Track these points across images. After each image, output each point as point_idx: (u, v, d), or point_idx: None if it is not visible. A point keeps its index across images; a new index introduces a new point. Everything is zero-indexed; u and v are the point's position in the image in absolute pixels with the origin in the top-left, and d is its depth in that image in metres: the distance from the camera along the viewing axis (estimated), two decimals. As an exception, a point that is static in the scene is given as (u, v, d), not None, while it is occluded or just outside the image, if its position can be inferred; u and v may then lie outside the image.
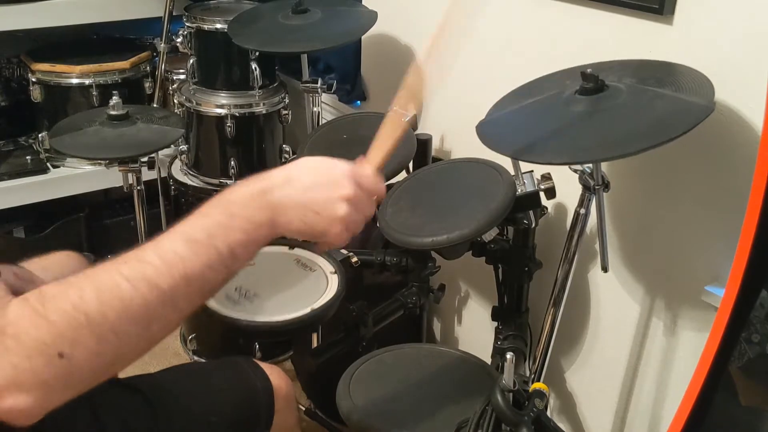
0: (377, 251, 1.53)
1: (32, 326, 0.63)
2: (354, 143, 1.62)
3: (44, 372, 0.63)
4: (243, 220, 0.74)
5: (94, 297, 0.65)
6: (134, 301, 0.67)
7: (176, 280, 0.69)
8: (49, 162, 2.16)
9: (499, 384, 1.01)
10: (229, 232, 0.73)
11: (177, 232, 0.72)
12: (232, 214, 0.74)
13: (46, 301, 0.64)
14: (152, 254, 0.69)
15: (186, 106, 2.06)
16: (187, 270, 0.70)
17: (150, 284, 0.68)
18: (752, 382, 0.91)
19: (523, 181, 1.32)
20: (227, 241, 0.72)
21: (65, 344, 0.63)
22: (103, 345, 0.66)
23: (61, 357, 0.63)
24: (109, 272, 0.68)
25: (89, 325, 0.64)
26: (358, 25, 1.76)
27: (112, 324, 0.66)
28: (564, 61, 1.28)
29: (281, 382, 1.17)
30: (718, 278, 1.22)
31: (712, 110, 1.00)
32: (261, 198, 0.76)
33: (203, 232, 0.72)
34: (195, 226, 0.73)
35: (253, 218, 0.75)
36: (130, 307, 0.67)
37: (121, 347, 0.67)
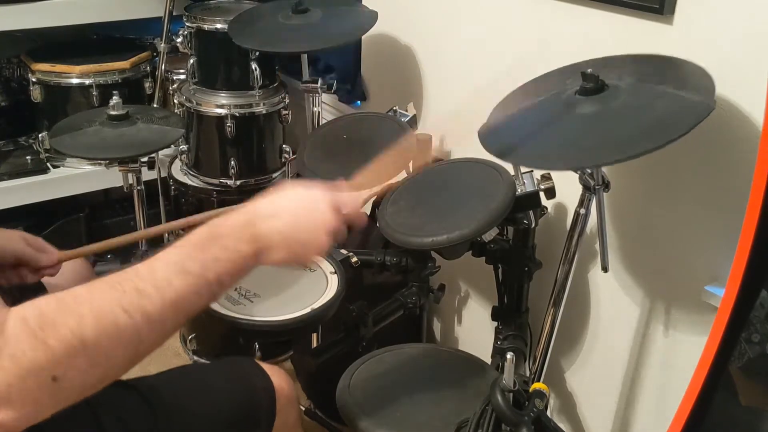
0: (377, 251, 1.53)
1: (30, 349, 0.65)
2: (354, 143, 1.62)
3: (36, 393, 0.65)
4: (231, 252, 0.78)
5: (93, 326, 0.68)
6: (128, 329, 0.70)
7: (166, 309, 0.73)
8: (49, 162, 2.16)
9: (499, 384, 1.01)
10: (219, 264, 0.77)
11: (172, 262, 0.75)
12: (221, 246, 0.78)
13: (46, 326, 0.66)
14: (148, 285, 0.72)
15: (186, 106, 2.06)
16: (178, 299, 0.74)
17: (144, 315, 0.71)
18: (752, 382, 0.91)
19: (523, 181, 1.32)
20: (216, 272, 0.77)
21: (59, 368, 0.66)
22: (94, 368, 0.69)
23: (54, 380, 0.66)
24: (108, 300, 0.70)
25: (84, 350, 0.67)
26: (358, 25, 1.76)
27: (105, 350, 0.69)
28: (564, 61, 1.28)
29: (283, 383, 1.17)
30: (718, 278, 1.22)
31: (713, 109, 0.99)
32: (249, 231, 0.81)
33: (196, 264, 0.75)
34: (188, 256, 0.76)
35: (240, 250, 0.79)
36: (123, 336, 0.70)
37: (109, 369, 0.71)
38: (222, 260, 0.77)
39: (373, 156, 1.12)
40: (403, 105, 1.72)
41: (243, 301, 1.30)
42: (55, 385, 0.66)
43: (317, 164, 1.57)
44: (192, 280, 0.75)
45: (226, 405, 1.11)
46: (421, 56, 1.87)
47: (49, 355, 0.65)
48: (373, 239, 1.79)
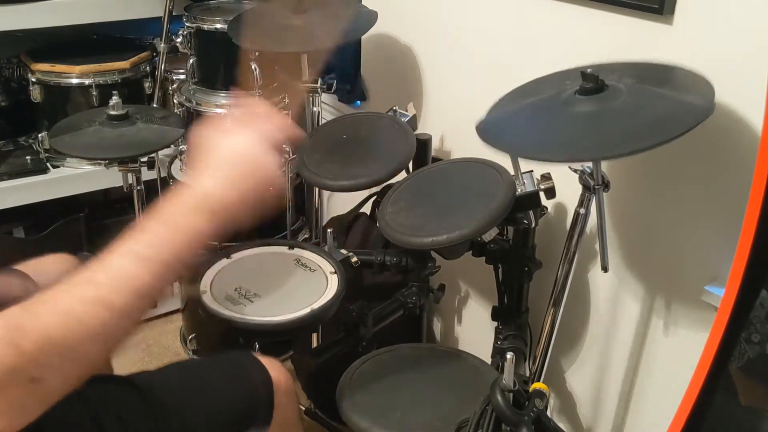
0: (377, 251, 1.53)
1: (6, 355, 0.66)
2: (354, 143, 1.62)
3: (19, 396, 0.67)
4: (186, 233, 0.79)
5: (57, 323, 0.69)
6: (92, 322, 0.71)
7: (129, 296, 0.73)
8: (49, 162, 2.15)
9: (499, 384, 1.01)
10: (174, 245, 0.78)
11: (125, 252, 0.76)
12: (177, 229, 0.79)
13: (14, 330, 0.67)
14: (102, 275, 0.73)
15: (186, 106, 2.06)
16: (137, 284, 0.74)
17: (104, 304, 0.72)
18: (752, 382, 0.91)
19: (523, 181, 1.32)
20: (172, 252, 0.77)
21: (35, 369, 0.67)
22: (69, 364, 0.70)
23: (32, 381, 0.67)
24: (65, 297, 0.71)
25: (54, 348, 0.68)
26: (358, 25, 1.76)
27: (74, 345, 0.70)
28: (564, 61, 1.28)
29: (281, 376, 1.17)
30: (718, 278, 1.22)
31: (712, 111, 1.00)
32: (202, 211, 0.81)
33: (150, 248, 0.76)
34: (141, 242, 0.77)
35: (195, 228, 0.80)
36: (89, 328, 0.71)
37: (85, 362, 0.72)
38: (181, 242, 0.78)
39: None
40: (403, 105, 1.72)
41: (243, 301, 1.30)
42: (35, 386, 0.68)
43: (317, 164, 1.57)
44: (149, 265, 0.75)
45: (225, 399, 1.12)
46: (421, 56, 1.87)
47: (22, 358, 0.66)
48: (373, 239, 1.79)
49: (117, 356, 0.93)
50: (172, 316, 2.31)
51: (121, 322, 0.74)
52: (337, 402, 1.30)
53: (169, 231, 0.78)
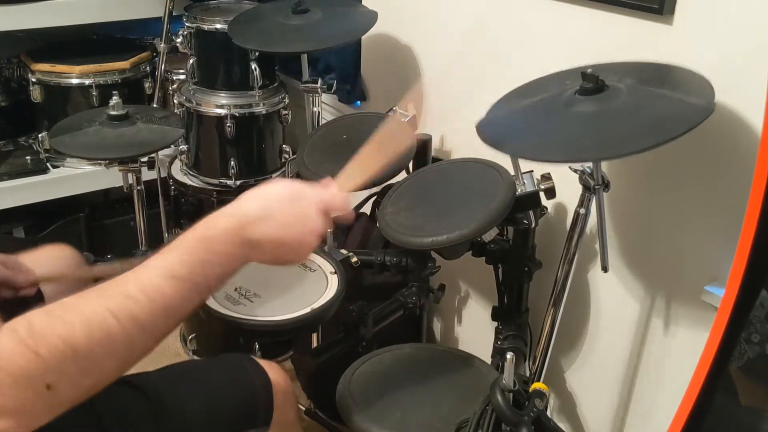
0: (377, 251, 1.53)
1: (22, 359, 0.66)
2: (354, 143, 1.61)
3: (30, 401, 0.66)
4: (221, 256, 0.78)
5: (83, 332, 0.68)
6: (119, 337, 0.70)
7: (156, 314, 0.73)
8: (49, 162, 2.16)
9: (499, 384, 1.01)
10: (207, 268, 0.77)
11: (160, 267, 0.75)
12: (210, 251, 0.78)
13: (36, 335, 0.67)
14: (137, 290, 0.72)
15: (186, 106, 2.06)
16: (167, 304, 0.74)
17: (134, 320, 0.71)
18: (752, 382, 0.91)
19: (523, 181, 1.32)
20: (204, 275, 0.77)
21: (52, 376, 0.67)
22: (87, 376, 0.70)
23: (48, 388, 0.67)
24: (97, 307, 0.70)
25: (76, 358, 0.68)
26: (358, 25, 1.76)
27: (96, 357, 0.69)
28: (564, 61, 1.28)
29: (279, 378, 1.18)
30: (717, 278, 1.22)
31: (712, 111, 1.00)
32: (238, 234, 0.80)
33: (185, 269, 0.75)
34: (177, 262, 0.76)
35: (231, 253, 0.79)
36: (114, 342, 0.70)
37: (102, 375, 0.72)
38: (211, 264, 0.77)
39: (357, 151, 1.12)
40: (403, 105, 1.72)
41: (243, 301, 1.30)
42: (49, 393, 0.67)
43: (317, 164, 1.57)
44: (181, 285, 0.75)
45: (224, 401, 1.12)
46: (421, 56, 1.87)
47: (41, 365, 0.66)
48: (373, 239, 1.79)
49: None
50: (172, 316, 2.31)
51: (146, 340, 0.73)
52: (337, 402, 1.30)
53: (204, 252, 0.77)
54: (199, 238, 0.78)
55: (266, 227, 0.81)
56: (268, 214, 0.82)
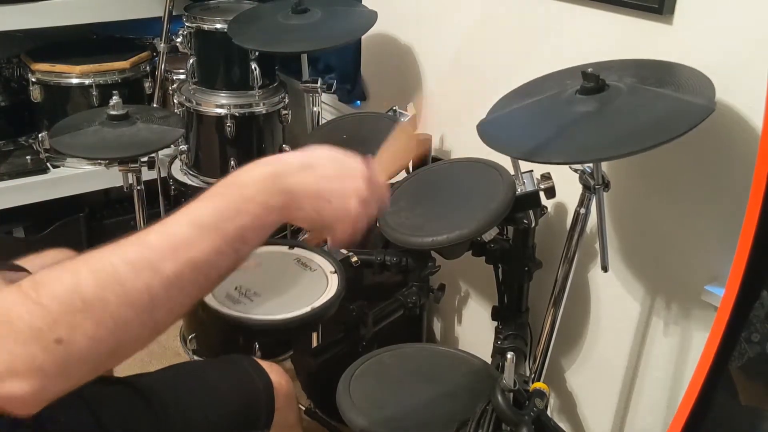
0: (377, 251, 1.53)
1: (26, 312, 0.60)
2: (354, 143, 1.62)
3: (41, 358, 0.60)
4: (256, 204, 0.70)
5: (91, 280, 0.62)
6: (135, 285, 0.63)
7: (181, 264, 0.65)
8: (49, 162, 2.16)
9: (499, 384, 1.01)
10: (239, 216, 0.69)
11: (184, 214, 0.68)
12: (244, 197, 0.70)
13: (40, 287, 0.61)
14: (156, 237, 0.66)
15: (186, 106, 2.06)
16: (193, 254, 0.66)
17: (153, 269, 0.64)
18: (752, 382, 0.91)
19: (523, 180, 1.32)
20: (237, 225, 0.69)
21: (62, 329, 0.60)
22: (101, 330, 0.62)
23: (58, 343, 0.60)
24: (108, 255, 0.64)
25: (86, 309, 0.61)
26: (358, 25, 1.76)
27: (111, 309, 0.62)
28: (564, 61, 1.28)
29: (281, 380, 1.17)
30: (717, 278, 1.22)
31: (713, 110, 1.00)
32: (276, 182, 0.72)
33: (212, 215, 0.68)
34: (204, 208, 0.69)
35: (267, 202, 0.71)
36: (130, 292, 0.63)
37: (121, 334, 0.64)
38: (244, 213, 0.69)
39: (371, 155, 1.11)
40: (403, 105, 1.72)
41: (243, 300, 1.30)
42: (60, 348, 0.60)
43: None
44: (208, 233, 0.67)
45: (225, 403, 1.12)
46: (421, 56, 1.87)
47: (47, 316, 0.60)
48: (373, 239, 1.79)
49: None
50: (172, 316, 2.31)
51: (172, 294, 0.65)
52: (337, 402, 1.30)
53: (236, 200, 0.70)
54: (231, 183, 0.71)
55: (305, 176, 0.74)
56: (309, 164, 0.75)
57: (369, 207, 0.78)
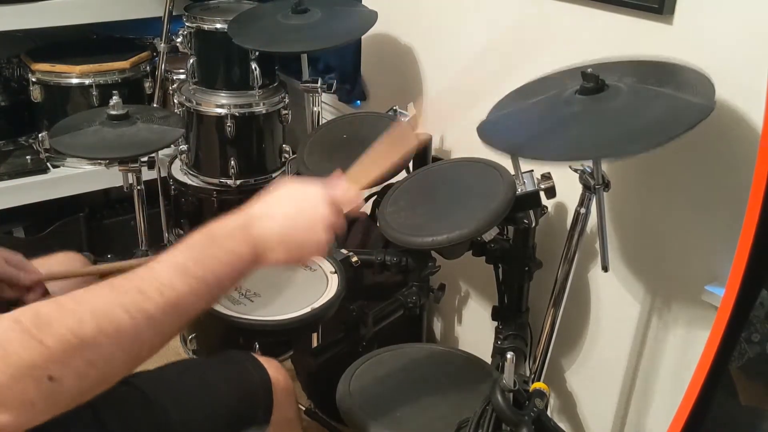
0: (377, 251, 1.53)
1: (23, 348, 0.63)
2: (354, 143, 1.62)
3: (31, 393, 0.64)
4: (230, 255, 0.78)
5: (92, 324, 0.67)
6: (128, 330, 0.69)
7: (168, 311, 0.72)
8: (49, 162, 2.16)
9: (499, 384, 1.01)
10: (217, 266, 0.77)
11: (173, 264, 0.75)
12: (221, 248, 0.78)
13: (42, 325, 0.65)
14: (149, 286, 0.72)
15: (186, 106, 2.06)
16: (179, 300, 0.73)
17: (145, 315, 0.70)
18: (752, 382, 0.91)
19: (523, 180, 1.32)
20: (216, 274, 0.76)
21: (56, 368, 0.64)
22: (92, 370, 0.67)
23: (50, 380, 0.64)
24: (109, 300, 0.70)
25: (83, 350, 0.66)
26: (358, 25, 1.76)
27: (104, 351, 0.67)
28: (564, 61, 1.28)
29: (279, 375, 1.17)
30: (718, 278, 1.22)
31: (712, 109, 1.00)
32: (245, 232, 0.80)
33: (197, 266, 0.75)
34: (189, 258, 0.76)
35: (239, 253, 0.79)
36: (123, 336, 0.69)
37: (108, 371, 0.69)
38: (220, 262, 0.77)
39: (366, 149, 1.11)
40: (403, 105, 1.72)
41: (243, 300, 1.30)
42: (51, 386, 0.64)
43: (317, 164, 1.57)
44: (192, 282, 0.74)
45: (224, 399, 1.12)
46: (421, 56, 1.87)
47: (45, 354, 0.64)
48: (373, 239, 1.79)
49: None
50: (172, 316, 2.31)
51: (153, 336, 0.72)
52: (337, 402, 1.30)
53: (216, 250, 0.78)
54: (208, 236, 0.79)
55: (271, 222, 0.82)
56: (273, 210, 0.83)
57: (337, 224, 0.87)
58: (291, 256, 0.84)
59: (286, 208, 0.85)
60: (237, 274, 0.80)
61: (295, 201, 0.86)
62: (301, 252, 0.85)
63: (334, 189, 0.89)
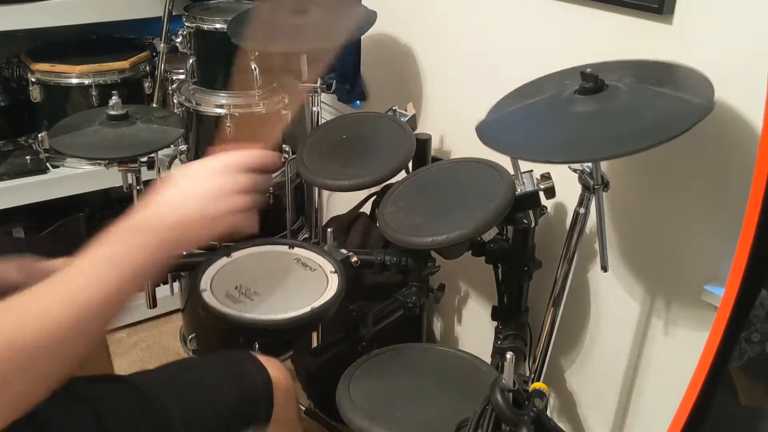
0: (377, 251, 1.53)
1: None
2: (353, 143, 1.62)
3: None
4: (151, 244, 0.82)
5: (31, 322, 0.69)
6: (67, 324, 0.71)
7: (101, 302, 0.75)
8: (49, 162, 2.15)
9: (498, 383, 1.01)
10: (140, 255, 0.80)
11: (99, 257, 0.79)
12: (141, 237, 0.82)
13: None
14: (83, 280, 0.75)
15: (185, 106, 2.06)
16: (111, 291, 0.76)
17: (82, 308, 0.73)
18: (752, 381, 0.91)
19: (523, 180, 1.32)
20: (144, 262, 0.80)
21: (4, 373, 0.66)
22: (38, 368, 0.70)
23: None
24: (46, 298, 0.73)
25: (24, 349, 0.68)
26: (358, 25, 1.76)
27: (46, 347, 0.70)
28: (564, 61, 1.28)
29: (279, 375, 1.17)
30: (717, 277, 1.22)
31: (712, 109, 1.00)
32: (162, 223, 0.84)
33: (123, 256, 0.79)
34: (115, 250, 0.80)
35: (139, 243, 0.82)
36: (63, 331, 0.71)
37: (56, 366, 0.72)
38: (144, 252, 0.81)
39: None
40: (403, 105, 1.72)
41: (243, 299, 1.30)
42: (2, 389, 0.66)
43: (316, 164, 1.57)
44: (122, 272, 0.78)
45: (224, 398, 1.12)
46: (420, 56, 1.87)
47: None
48: (373, 239, 1.79)
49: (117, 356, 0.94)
50: (171, 316, 2.31)
51: (92, 326, 0.75)
52: (337, 402, 1.30)
53: (136, 239, 0.81)
54: (130, 228, 0.83)
55: (183, 205, 0.85)
56: (181, 192, 0.87)
57: (249, 186, 0.89)
58: (217, 229, 0.86)
59: (191, 185, 0.87)
60: (154, 264, 0.82)
61: (197, 177, 0.88)
62: (224, 224, 0.87)
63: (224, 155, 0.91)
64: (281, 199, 2.11)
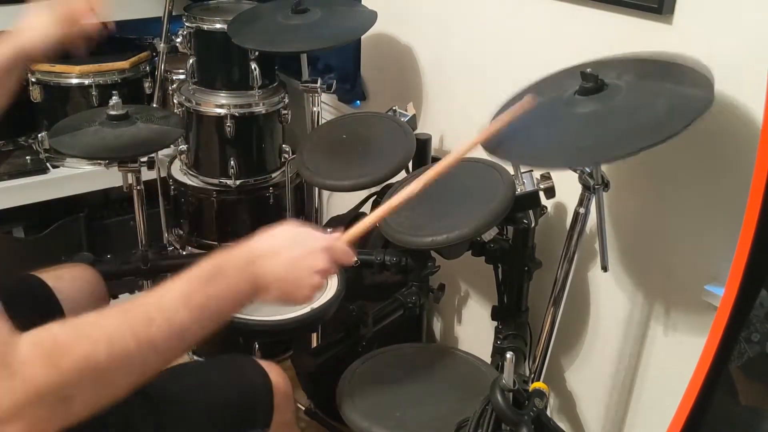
0: (377, 251, 1.53)
1: (44, 373, 0.67)
2: (353, 143, 1.62)
3: (46, 412, 0.68)
4: (233, 289, 0.83)
5: (106, 352, 0.71)
6: (136, 356, 0.74)
7: (173, 338, 0.77)
8: (49, 162, 2.15)
9: (499, 383, 1.01)
10: (220, 299, 0.82)
11: (179, 294, 0.79)
12: (225, 282, 0.83)
13: (60, 350, 0.69)
14: (158, 314, 0.76)
15: (186, 106, 2.06)
16: (183, 331, 0.78)
17: (152, 343, 0.75)
18: (752, 381, 0.91)
19: (523, 180, 1.32)
20: (218, 306, 0.82)
21: (70, 391, 0.69)
22: (102, 390, 0.73)
23: (63, 402, 0.69)
24: (121, 328, 0.74)
25: (95, 374, 0.70)
26: (358, 25, 1.76)
27: (113, 374, 0.73)
28: (563, 61, 1.28)
29: (280, 379, 1.18)
30: (717, 277, 1.22)
31: (712, 101, 0.99)
32: (248, 268, 0.85)
33: (201, 297, 0.80)
34: (195, 290, 0.80)
35: (240, 285, 0.84)
36: (132, 362, 0.74)
37: (115, 391, 0.75)
38: (223, 295, 0.82)
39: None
40: (403, 105, 1.72)
41: (243, 300, 1.30)
42: (63, 406, 0.69)
43: (317, 164, 1.57)
44: (196, 313, 0.79)
45: (225, 402, 1.12)
46: (420, 56, 1.87)
47: (62, 379, 0.68)
48: (373, 239, 1.79)
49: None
50: (172, 316, 2.30)
51: (157, 361, 0.77)
52: (337, 402, 1.30)
53: (220, 284, 0.82)
54: (214, 268, 0.83)
55: (272, 262, 0.87)
56: (276, 250, 0.88)
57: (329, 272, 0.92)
58: (285, 296, 0.89)
59: (288, 249, 0.89)
60: (236, 306, 0.85)
61: (297, 244, 0.90)
62: (295, 294, 0.89)
63: (334, 240, 0.93)
64: (281, 199, 2.11)
